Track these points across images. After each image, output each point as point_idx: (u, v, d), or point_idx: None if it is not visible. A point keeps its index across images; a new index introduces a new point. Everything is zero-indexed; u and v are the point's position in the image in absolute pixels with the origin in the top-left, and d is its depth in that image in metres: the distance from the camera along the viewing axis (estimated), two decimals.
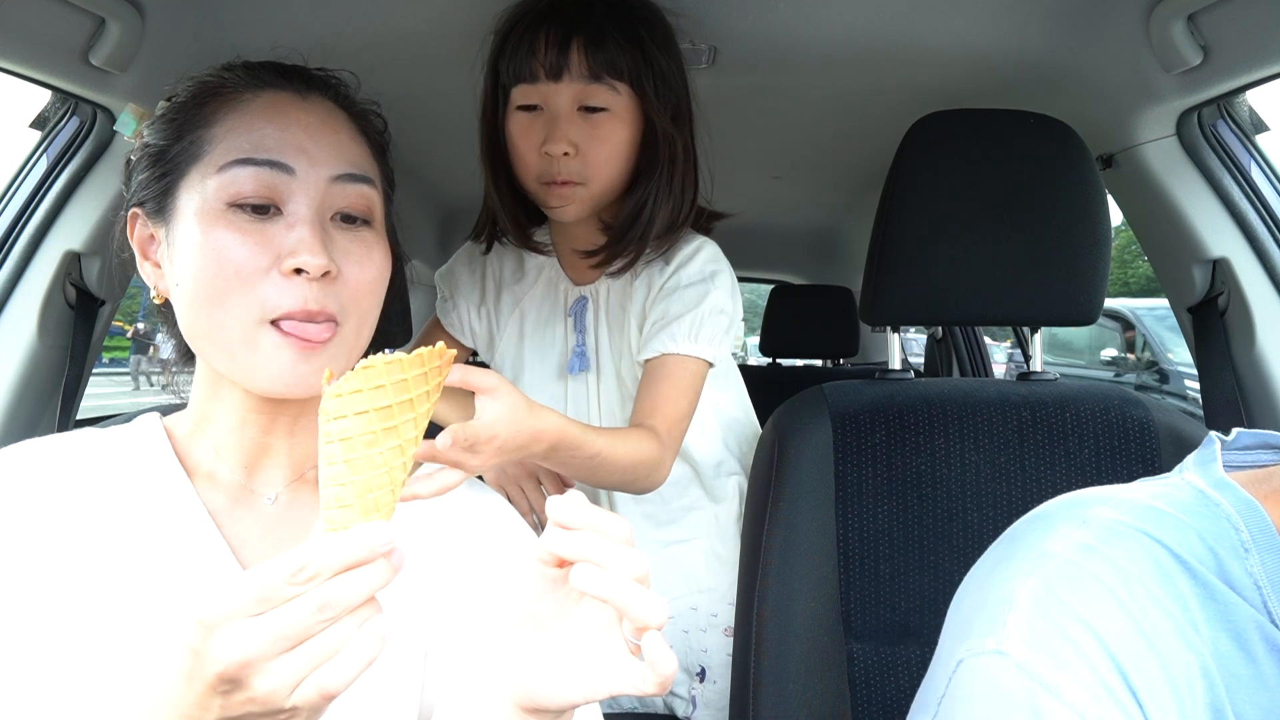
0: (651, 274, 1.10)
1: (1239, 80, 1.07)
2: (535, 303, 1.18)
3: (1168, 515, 0.56)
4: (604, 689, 0.50)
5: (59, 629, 0.59)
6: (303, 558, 0.45)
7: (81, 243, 1.16)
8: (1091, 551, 0.54)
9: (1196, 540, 0.54)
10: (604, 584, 0.47)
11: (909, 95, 1.32)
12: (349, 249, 0.65)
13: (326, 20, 1.14)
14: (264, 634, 0.44)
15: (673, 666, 0.49)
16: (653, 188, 1.03)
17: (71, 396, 1.17)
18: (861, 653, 0.96)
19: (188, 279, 0.63)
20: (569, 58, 0.96)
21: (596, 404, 1.16)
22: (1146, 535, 0.54)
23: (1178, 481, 0.60)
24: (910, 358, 4.19)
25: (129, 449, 0.68)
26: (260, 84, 0.67)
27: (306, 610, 0.44)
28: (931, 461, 0.99)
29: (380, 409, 0.48)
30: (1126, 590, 0.52)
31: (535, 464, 1.06)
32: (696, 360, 1.03)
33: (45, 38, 0.96)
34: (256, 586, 0.44)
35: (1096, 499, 0.59)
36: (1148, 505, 0.57)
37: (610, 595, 0.47)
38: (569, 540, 0.48)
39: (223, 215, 0.62)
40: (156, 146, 0.67)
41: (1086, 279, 1.02)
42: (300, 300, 0.61)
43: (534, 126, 1.00)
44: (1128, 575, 0.52)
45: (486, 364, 1.27)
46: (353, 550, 0.46)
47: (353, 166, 0.67)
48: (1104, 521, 0.56)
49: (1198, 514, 0.56)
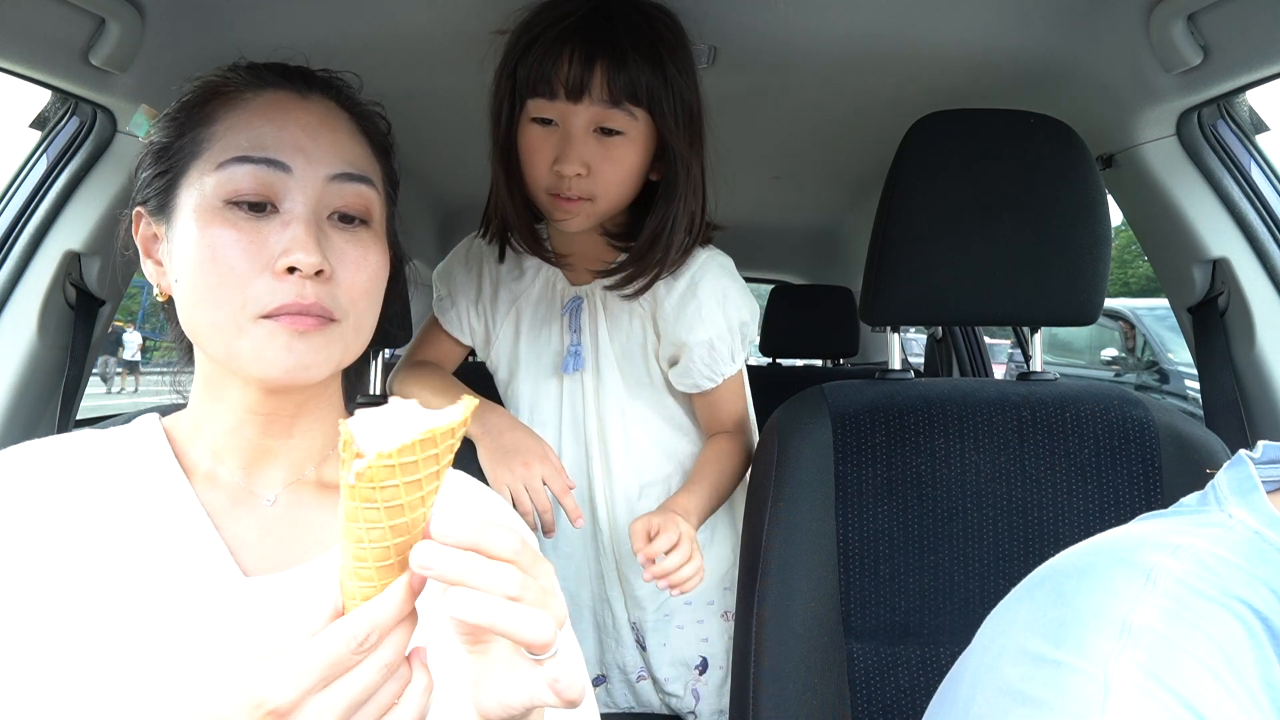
0: (656, 286, 1.10)
1: (1239, 80, 1.07)
2: (532, 302, 1.18)
3: (1237, 567, 0.52)
4: (516, 698, 0.50)
5: (58, 630, 0.58)
6: (366, 625, 0.45)
7: (81, 243, 1.16)
8: (1178, 621, 0.50)
9: (1269, 594, 0.51)
10: (473, 609, 0.46)
11: (909, 95, 1.32)
12: (345, 250, 0.65)
13: (328, 20, 1.14)
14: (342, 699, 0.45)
15: (576, 690, 0.49)
16: (673, 210, 1.04)
17: (71, 396, 1.17)
18: (861, 653, 0.96)
19: (185, 275, 0.63)
20: (591, 80, 0.95)
21: (595, 402, 1.16)
22: (1228, 595, 0.51)
23: (1224, 519, 0.56)
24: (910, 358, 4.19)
25: (128, 450, 0.68)
26: (261, 83, 0.67)
27: (371, 669, 0.45)
28: (931, 461, 0.99)
29: (410, 482, 0.47)
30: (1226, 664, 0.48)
31: (538, 465, 1.06)
32: (740, 370, 1.16)
33: (45, 38, 0.96)
34: (324, 659, 0.45)
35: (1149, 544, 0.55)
36: (1213, 553, 0.53)
37: (480, 620, 0.46)
38: (441, 561, 0.47)
39: (219, 213, 0.62)
40: (159, 144, 0.67)
41: (1086, 279, 1.02)
42: (293, 295, 0.61)
43: (547, 142, 1.00)
44: (1225, 648, 0.49)
45: (483, 362, 1.27)
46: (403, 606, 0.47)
47: (351, 166, 0.67)
48: (1174, 577, 0.52)
49: (1260, 560, 0.52)
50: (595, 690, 1.25)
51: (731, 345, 1.11)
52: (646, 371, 1.16)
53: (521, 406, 1.20)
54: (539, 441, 1.08)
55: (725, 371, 1.12)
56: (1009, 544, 0.98)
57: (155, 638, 0.59)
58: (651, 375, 1.16)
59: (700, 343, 1.09)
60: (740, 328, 1.12)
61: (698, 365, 1.11)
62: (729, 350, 1.11)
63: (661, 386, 1.18)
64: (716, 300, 1.09)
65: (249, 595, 0.63)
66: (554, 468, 1.06)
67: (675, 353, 1.12)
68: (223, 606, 0.62)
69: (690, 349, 1.10)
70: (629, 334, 1.14)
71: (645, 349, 1.15)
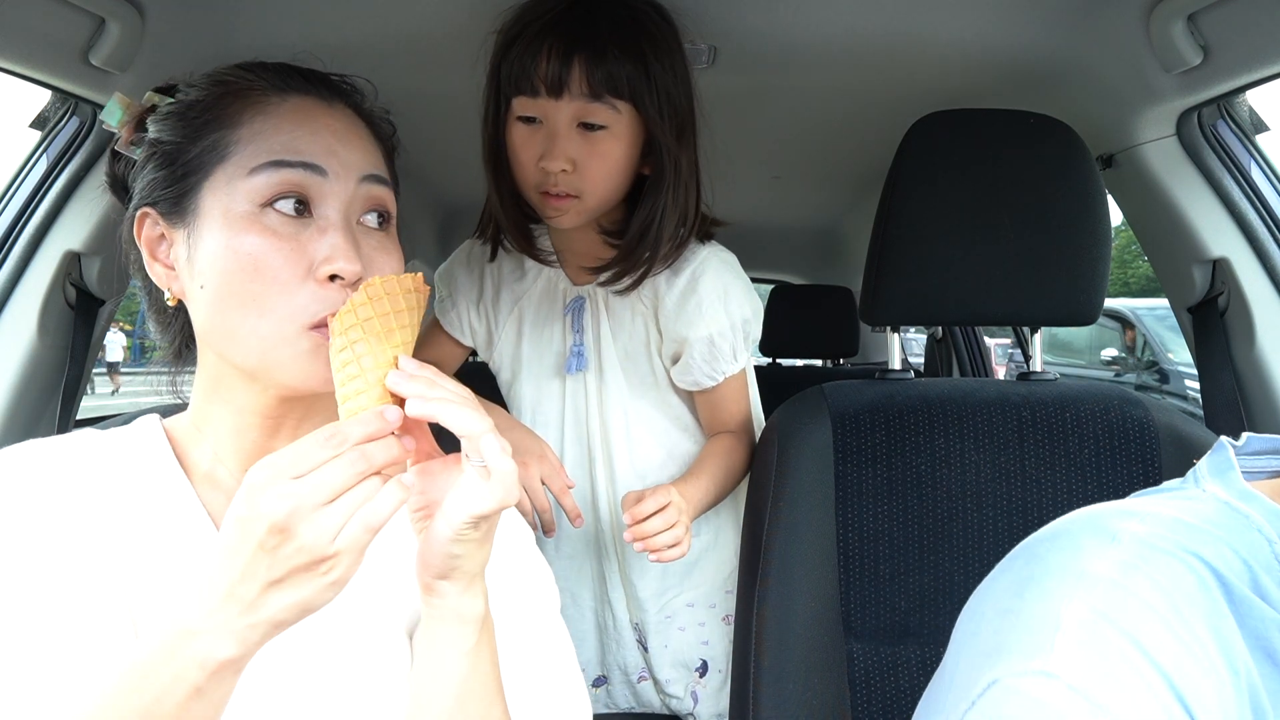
0: (657, 282, 1.10)
1: (1239, 80, 1.07)
2: (534, 302, 1.18)
3: (1200, 529, 0.55)
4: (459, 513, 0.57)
5: (57, 631, 0.58)
6: (334, 427, 0.53)
7: (81, 243, 1.16)
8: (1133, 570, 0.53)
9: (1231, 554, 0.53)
10: (428, 406, 0.55)
11: (909, 95, 1.32)
12: (373, 253, 0.66)
13: (328, 20, 1.14)
14: (308, 485, 0.51)
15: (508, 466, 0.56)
16: (660, 203, 1.03)
17: (71, 396, 1.17)
18: (861, 653, 0.96)
19: (217, 282, 0.62)
20: (570, 74, 0.95)
21: (597, 402, 1.16)
22: (1185, 551, 0.53)
23: (1198, 494, 0.59)
24: (910, 358, 4.19)
25: (128, 451, 0.68)
26: (286, 87, 0.67)
27: (343, 465, 0.52)
28: (931, 461, 0.99)
29: (383, 314, 0.58)
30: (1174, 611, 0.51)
31: (536, 465, 1.06)
32: (742, 370, 1.14)
33: (45, 38, 0.96)
34: (295, 449, 0.52)
35: (1119, 513, 0.58)
36: (1177, 519, 0.56)
37: (433, 412, 0.55)
38: (403, 382, 0.56)
39: (255, 219, 0.62)
40: (171, 145, 0.65)
41: (1086, 279, 1.02)
42: (338, 305, 0.61)
43: (533, 139, 1.00)
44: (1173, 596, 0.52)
45: (484, 363, 1.27)
46: (375, 423, 0.54)
47: (376, 168, 0.68)
48: (1137, 538, 0.55)
49: (1227, 527, 0.55)
50: (596, 691, 1.25)
51: (733, 342, 1.10)
52: (650, 370, 1.16)
53: (524, 407, 1.20)
54: (537, 441, 1.08)
55: (726, 370, 1.11)
56: (1009, 544, 0.97)
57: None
58: (656, 374, 1.16)
59: (700, 339, 1.09)
60: (742, 325, 1.11)
61: (698, 362, 1.10)
62: (730, 348, 1.10)
63: (666, 386, 1.17)
64: (718, 296, 1.09)
65: None
66: (553, 467, 1.06)
67: (677, 349, 1.12)
68: None
69: (691, 345, 1.09)
70: (631, 333, 1.14)
71: (649, 347, 1.15)
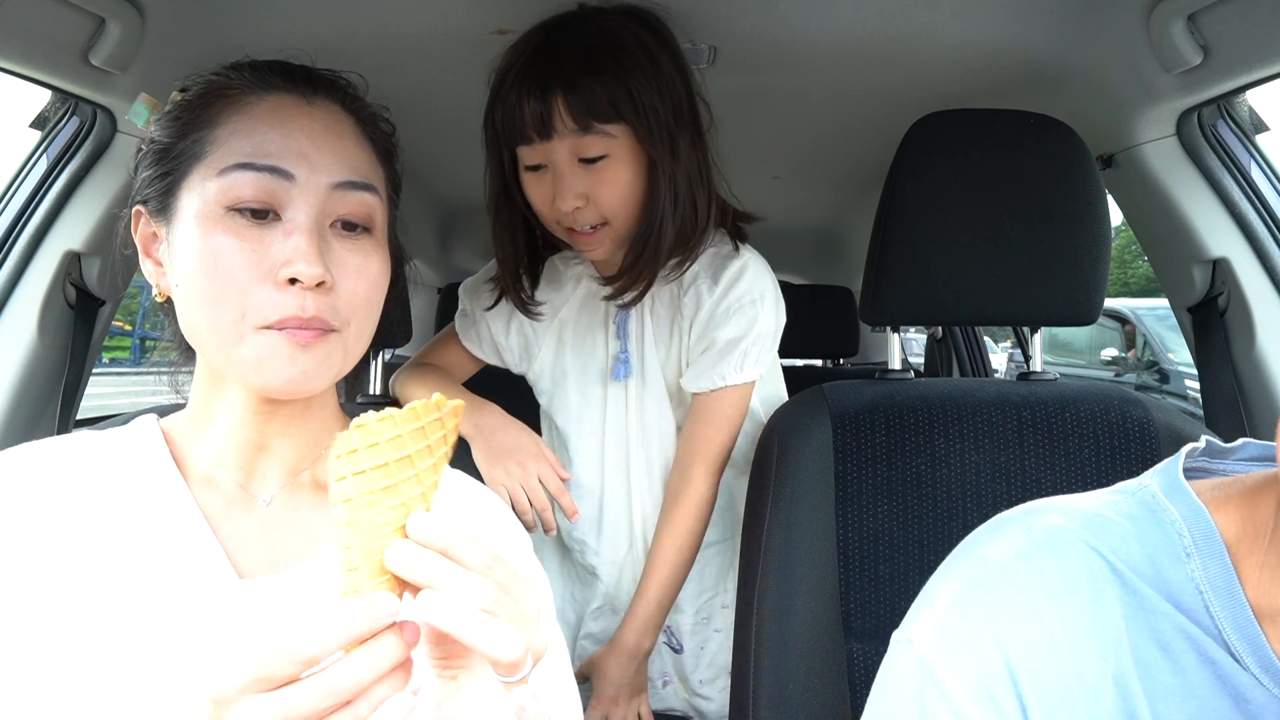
0: (700, 290, 1.09)
1: (1239, 80, 1.07)
2: (575, 310, 1.18)
3: (1112, 523, 0.57)
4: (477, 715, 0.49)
5: (55, 632, 0.58)
6: (299, 639, 0.42)
7: (81, 243, 1.16)
8: (1024, 559, 0.57)
9: (1137, 548, 0.56)
10: (443, 614, 0.44)
11: (909, 95, 1.32)
12: (346, 260, 0.65)
13: (328, 21, 1.14)
14: (273, 713, 0.42)
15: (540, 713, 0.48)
16: (658, 213, 1.02)
17: (71, 397, 1.17)
18: (861, 653, 0.96)
19: (186, 280, 0.63)
20: (552, 114, 0.95)
21: (638, 407, 1.16)
22: (1085, 544, 0.56)
23: (1134, 487, 0.61)
24: (910, 358, 4.19)
25: (126, 451, 0.68)
26: (266, 86, 0.66)
27: (314, 694, 0.42)
28: (931, 461, 0.99)
29: (377, 468, 0.45)
30: (1048, 599, 0.54)
31: (533, 464, 1.06)
32: (745, 385, 1.09)
33: (45, 38, 0.96)
34: (258, 665, 0.42)
35: (1050, 507, 0.61)
36: (1094, 513, 0.58)
37: (445, 623, 0.44)
38: (414, 561, 0.45)
39: (221, 219, 0.62)
40: (161, 144, 0.66)
41: (1086, 279, 1.02)
42: (295, 309, 0.61)
43: (543, 183, 1.01)
44: (1052, 585, 0.55)
45: (490, 366, 1.26)
46: (354, 624, 0.43)
47: (354, 174, 0.66)
48: (1048, 529, 0.58)
49: (1143, 521, 0.57)
50: None
51: (743, 354, 1.07)
52: None
53: (569, 416, 1.19)
54: (533, 439, 1.08)
55: (728, 376, 1.08)
56: None
57: (151, 640, 0.59)
58: None
59: (716, 339, 1.07)
60: (760, 336, 1.08)
61: (705, 359, 1.09)
62: (739, 360, 1.07)
63: None
64: (749, 299, 1.07)
65: (244, 597, 0.63)
66: (549, 465, 1.06)
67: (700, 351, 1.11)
68: (218, 608, 0.62)
69: (714, 344, 1.08)
70: (671, 339, 1.14)
71: (686, 354, 1.14)
